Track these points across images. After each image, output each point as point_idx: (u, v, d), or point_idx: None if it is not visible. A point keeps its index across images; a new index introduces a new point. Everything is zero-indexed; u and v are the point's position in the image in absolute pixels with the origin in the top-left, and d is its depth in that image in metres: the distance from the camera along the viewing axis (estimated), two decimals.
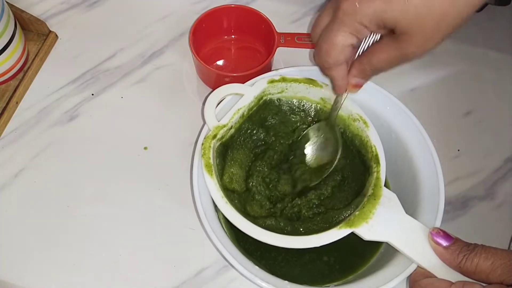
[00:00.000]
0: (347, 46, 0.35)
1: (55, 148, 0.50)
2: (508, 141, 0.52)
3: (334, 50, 0.35)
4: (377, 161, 0.39)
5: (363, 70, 0.37)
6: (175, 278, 0.44)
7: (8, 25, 0.48)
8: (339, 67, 0.37)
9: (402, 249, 0.35)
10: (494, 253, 0.31)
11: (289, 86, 0.43)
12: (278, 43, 0.51)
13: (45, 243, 0.45)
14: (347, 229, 0.36)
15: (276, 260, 0.43)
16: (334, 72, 0.38)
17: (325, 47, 0.36)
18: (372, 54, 0.36)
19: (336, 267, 0.43)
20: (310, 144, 0.43)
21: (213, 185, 0.38)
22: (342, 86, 0.39)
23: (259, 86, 0.42)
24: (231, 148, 0.43)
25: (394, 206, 0.37)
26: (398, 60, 0.35)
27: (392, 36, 0.34)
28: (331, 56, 0.36)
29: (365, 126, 0.41)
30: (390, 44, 0.34)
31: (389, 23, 0.32)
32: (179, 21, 0.58)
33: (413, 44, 0.33)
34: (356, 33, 0.34)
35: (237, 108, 0.41)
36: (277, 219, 0.39)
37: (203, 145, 0.39)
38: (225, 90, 0.42)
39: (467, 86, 0.55)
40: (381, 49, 0.35)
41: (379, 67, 0.36)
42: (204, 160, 0.39)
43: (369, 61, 0.36)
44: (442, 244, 0.34)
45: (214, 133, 0.40)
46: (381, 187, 0.38)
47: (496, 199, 0.49)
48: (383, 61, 0.35)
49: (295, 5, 0.59)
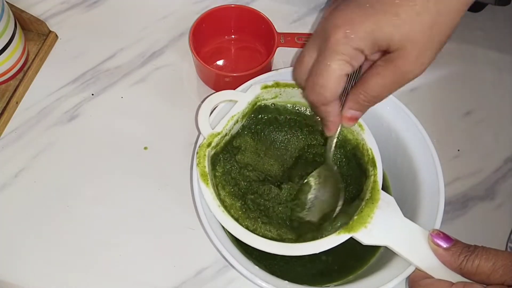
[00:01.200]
0: (343, 76, 0.33)
1: (55, 148, 0.50)
2: (508, 141, 0.52)
3: (330, 81, 0.33)
4: (374, 164, 0.39)
5: (358, 101, 0.35)
6: (175, 278, 0.44)
7: (8, 25, 0.48)
8: (335, 102, 0.35)
9: (402, 252, 0.35)
10: (495, 255, 0.31)
11: (283, 91, 0.43)
12: (278, 43, 0.51)
13: (45, 243, 0.45)
14: (346, 234, 0.36)
15: (275, 260, 0.43)
16: (330, 107, 0.35)
17: (320, 81, 0.33)
18: (366, 82, 0.34)
19: (336, 267, 0.43)
20: (312, 193, 0.41)
21: (209, 195, 0.38)
22: (336, 123, 0.37)
23: (252, 92, 0.42)
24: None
25: (392, 209, 0.37)
26: (395, 83, 0.33)
27: (385, 58, 0.32)
28: (328, 88, 0.33)
29: (360, 130, 0.41)
30: (385, 67, 0.32)
31: (383, 42, 0.31)
32: (179, 21, 0.58)
33: (409, 60, 0.31)
34: (351, 61, 0.32)
35: (231, 115, 0.41)
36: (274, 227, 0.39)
37: (198, 154, 0.39)
38: (218, 98, 0.41)
39: (467, 86, 0.55)
40: (376, 74, 0.33)
41: (376, 95, 0.34)
42: (200, 169, 0.38)
43: (365, 90, 0.34)
44: (442, 246, 0.34)
45: (208, 141, 0.40)
46: (378, 190, 0.38)
47: (496, 199, 0.49)
48: (379, 87, 0.33)
49: (295, 5, 0.59)
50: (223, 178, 0.41)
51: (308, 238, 0.38)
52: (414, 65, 0.32)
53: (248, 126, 0.44)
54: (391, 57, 0.32)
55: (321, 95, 0.34)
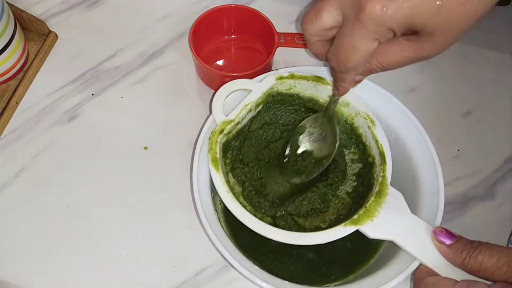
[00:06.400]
0: (370, 51, 0.32)
1: (55, 148, 0.50)
2: (508, 141, 0.52)
3: (355, 56, 0.33)
4: (384, 160, 0.39)
5: (370, 70, 0.35)
6: (175, 278, 0.44)
7: (8, 25, 0.48)
8: (354, 72, 0.35)
9: (407, 247, 0.35)
10: (499, 251, 0.31)
11: (298, 83, 0.43)
12: (278, 43, 0.51)
13: (45, 243, 0.45)
14: (352, 227, 0.36)
15: (275, 260, 0.43)
16: (348, 75, 0.36)
17: (344, 52, 0.33)
18: (384, 55, 0.33)
19: (336, 266, 0.43)
20: (306, 135, 0.42)
21: (219, 180, 0.38)
22: (348, 88, 0.38)
23: (267, 83, 0.42)
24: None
25: (399, 205, 0.37)
26: (413, 60, 0.33)
27: (410, 37, 0.32)
28: (351, 62, 0.33)
29: (372, 125, 0.41)
30: (409, 45, 0.32)
31: (418, 26, 0.30)
32: (179, 21, 0.58)
33: (436, 44, 0.31)
34: (379, 38, 0.31)
35: (245, 104, 0.41)
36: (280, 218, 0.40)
37: (210, 140, 0.40)
38: (234, 86, 0.42)
39: (467, 86, 0.55)
40: (397, 50, 0.33)
41: (391, 68, 0.34)
42: (211, 155, 0.39)
43: (381, 62, 0.34)
44: (445, 243, 0.34)
45: (221, 128, 0.40)
46: (387, 185, 0.38)
47: (496, 199, 0.49)
48: (397, 61, 0.33)
49: (295, 5, 0.59)
50: (233, 165, 0.42)
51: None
52: (439, 49, 0.31)
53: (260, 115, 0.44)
54: (418, 39, 0.31)
55: (343, 66, 0.34)
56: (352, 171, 0.43)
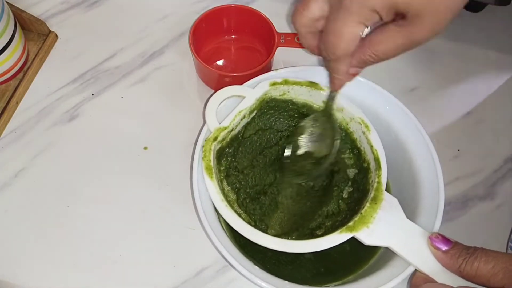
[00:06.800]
0: (356, 36, 0.33)
1: (55, 148, 0.50)
2: (508, 141, 0.52)
3: (342, 41, 0.33)
4: (379, 165, 0.39)
5: (364, 60, 0.35)
6: (175, 278, 0.44)
7: (8, 25, 0.48)
8: (346, 60, 0.35)
9: (403, 254, 0.35)
10: (495, 257, 0.31)
11: (291, 88, 0.43)
12: (278, 43, 0.51)
13: (45, 243, 0.45)
14: (348, 234, 0.36)
15: (274, 260, 0.43)
16: (340, 65, 0.35)
17: (332, 38, 0.33)
18: (377, 44, 0.33)
19: (336, 267, 0.43)
20: (306, 135, 0.42)
21: (213, 188, 0.38)
22: (343, 81, 0.37)
23: (261, 89, 0.42)
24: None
25: (395, 210, 0.37)
26: (407, 47, 0.33)
27: (399, 22, 0.32)
28: (340, 48, 0.33)
29: (366, 130, 0.41)
30: (399, 31, 0.32)
31: (402, 7, 0.30)
32: (179, 21, 0.58)
33: (425, 27, 0.31)
34: (365, 21, 0.32)
35: (239, 110, 0.41)
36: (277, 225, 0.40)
37: (204, 148, 0.39)
38: (227, 92, 0.41)
39: (467, 86, 0.55)
40: (388, 37, 0.33)
41: (385, 57, 0.34)
42: (205, 163, 0.38)
43: (374, 51, 0.34)
44: (441, 249, 0.33)
45: (215, 135, 0.40)
46: (382, 191, 0.38)
47: (496, 199, 0.49)
48: (390, 50, 0.33)
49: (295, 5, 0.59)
50: (227, 172, 0.42)
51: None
52: (429, 33, 0.31)
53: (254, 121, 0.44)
54: (406, 23, 0.31)
55: (332, 53, 0.34)
56: (348, 176, 0.43)
